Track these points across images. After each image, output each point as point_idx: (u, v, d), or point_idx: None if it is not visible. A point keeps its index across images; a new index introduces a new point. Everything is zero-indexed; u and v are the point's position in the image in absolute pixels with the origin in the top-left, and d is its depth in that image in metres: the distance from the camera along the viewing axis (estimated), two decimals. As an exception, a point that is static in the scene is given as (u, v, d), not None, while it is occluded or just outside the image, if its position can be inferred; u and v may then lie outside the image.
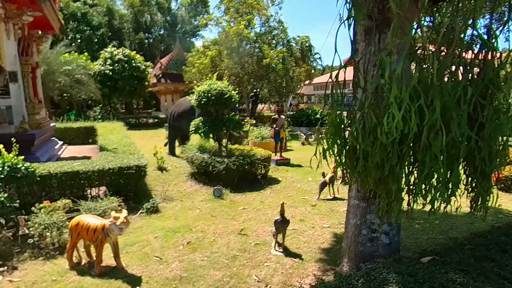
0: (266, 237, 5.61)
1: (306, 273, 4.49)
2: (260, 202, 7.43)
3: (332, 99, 3.84)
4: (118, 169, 6.93)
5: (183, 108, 12.42)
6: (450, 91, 3.17)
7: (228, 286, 4.18)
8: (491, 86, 3.37)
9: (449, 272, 2.86)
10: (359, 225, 4.22)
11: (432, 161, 3.11)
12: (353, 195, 4.28)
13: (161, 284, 4.23)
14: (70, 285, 4.24)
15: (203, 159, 8.79)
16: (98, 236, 4.50)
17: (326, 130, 3.91)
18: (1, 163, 5.42)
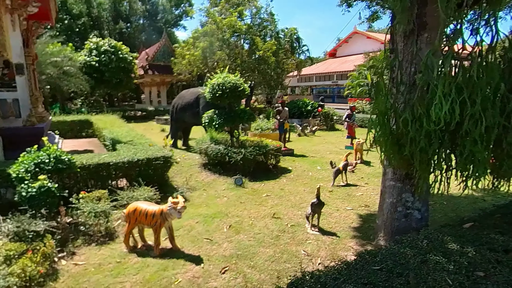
0: (298, 220, 6.13)
1: (346, 248, 5.06)
2: (280, 190, 7.93)
3: (377, 91, 4.34)
4: (147, 160, 7.21)
5: (186, 100, 12.65)
6: (486, 87, 3.76)
7: (282, 260, 4.68)
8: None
9: (490, 234, 3.50)
10: (395, 203, 4.81)
11: (472, 145, 3.71)
12: (389, 178, 4.86)
13: (221, 261, 4.67)
14: (135, 265, 4.59)
15: (219, 150, 9.15)
16: (157, 220, 4.86)
17: (373, 119, 4.42)
18: (48, 155, 5.60)
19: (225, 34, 20.10)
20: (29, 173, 5.34)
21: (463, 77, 3.70)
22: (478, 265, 2.87)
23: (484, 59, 3.76)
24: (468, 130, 3.71)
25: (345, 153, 9.46)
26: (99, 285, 4.14)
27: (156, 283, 4.13)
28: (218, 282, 4.18)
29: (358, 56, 35.60)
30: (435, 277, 2.66)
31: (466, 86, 3.72)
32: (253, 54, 20.15)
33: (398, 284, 2.58)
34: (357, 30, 41.03)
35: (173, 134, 13.46)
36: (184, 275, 4.33)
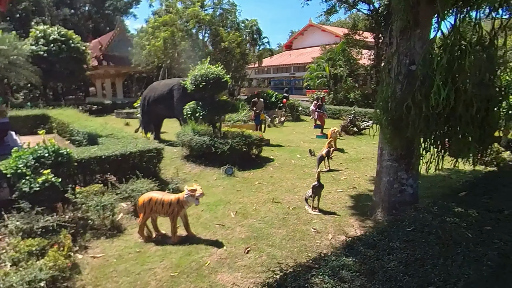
0: (297, 203, 6.54)
1: (349, 224, 5.57)
2: (270, 177, 8.28)
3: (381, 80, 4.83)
4: (140, 153, 7.14)
5: (159, 92, 12.43)
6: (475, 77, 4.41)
7: (297, 238, 5.06)
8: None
9: (482, 199, 4.20)
10: (391, 181, 5.41)
11: (465, 127, 4.35)
12: (386, 159, 5.44)
13: (241, 243, 4.92)
14: (157, 253, 4.68)
15: (204, 141, 9.24)
16: (174, 208, 4.97)
17: (376, 104, 4.91)
18: (46, 149, 5.38)
19: (188, 25, 19.77)
20: (29, 168, 5.10)
21: (457, 68, 4.29)
22: (484, 222, 3.48)
23: (472, 53, 4.38)
24: (462, 114, 4.33)
25: (317, 142, 10.05)
26: (129, 273, 4.19)
27: (186, 267, 4.29)
28: (245, 261, 4.44)
29: (315, 49, 36.84)
30: (457, 232, 3.20)
31: (460, 76, 4.33)
32: (218, 45, 20.08)
33: (432, 240, 3.08)
34: (312, 23, 42.34)
35: (145, 128, 13.14)
36: (210, 257, 4.52)
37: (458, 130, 4.42)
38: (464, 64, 4.27)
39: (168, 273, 4.16)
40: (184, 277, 4.09)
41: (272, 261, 4.41)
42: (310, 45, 41.53)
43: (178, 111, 12.04)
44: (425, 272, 2.70)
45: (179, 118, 12.46)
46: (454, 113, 4.36)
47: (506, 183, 4.98)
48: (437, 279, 2.63)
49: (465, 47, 4.30)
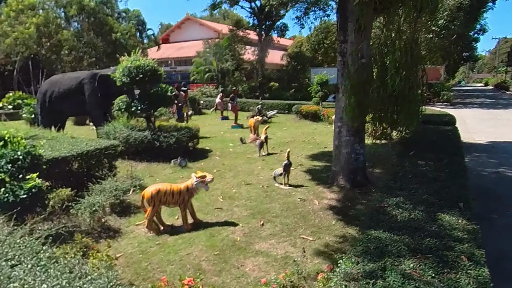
0: (265, 183, 7.30)
1: (321, 191, 6.69)
2: (223, 165, 8.73)
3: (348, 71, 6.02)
4: (100, 150, 6.61)
5: (65, 87, 11.09)
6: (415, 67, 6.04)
7: (291, 208, 5.86)
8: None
9: (426, 154, 5.89)
10: (350, 152, 6.77)
11: (410, 105, 5.95)
12: (344, 134, 6.76)
13: (249, 219, 5.42)
14: (180, 241, 4.76)
15: (145, 136, 8.93)
16: (184, 197, 5.09)
17: (346, 90, 6.08)
18: (16, 151, 4.60)
19: (70, 10, 17.44)
20: (6, 174, 4.32)
21: (405, 61, 5.81)
22: (437, 166, 5.06)
23: (414, 50, 5.98)
24: (407, 95, 5.89)
25: (238, 132, 10.92)
26: (171, 262, 4.23)
27: (222, 245, 4.58)
28: (267, 231, 5.01)
29: (194, 42, 37.12)
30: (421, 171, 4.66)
31: (407, 66, 5.87)
32: (107, 37, 18.43)
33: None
34: (190, 17, 42.38)
35: (46, 128, 11.42)
36: (235, 234, 4.91)
37: (404, 108, 5.99)
38: (406, 58, 5.82)
39: (211, 253, 4.39)
40: (228, 252, 4.41)
41: (287, 227, 5.11)
42: (188, 39, 41.37)
43: (91, 107, 11.08)
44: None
45: (92, 114, 11.40)
46: (402, 94, 5.91)
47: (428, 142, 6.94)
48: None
49: (405, 45, 5.85)
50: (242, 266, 4.11)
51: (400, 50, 5.66)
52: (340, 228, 5.07)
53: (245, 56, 30.44)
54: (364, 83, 5.97)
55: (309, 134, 12.95)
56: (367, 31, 6.18)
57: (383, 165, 8.14)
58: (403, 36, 5.76)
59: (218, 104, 17.99)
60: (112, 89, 10.85)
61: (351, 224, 5.14)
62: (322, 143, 11.33)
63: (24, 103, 14.11)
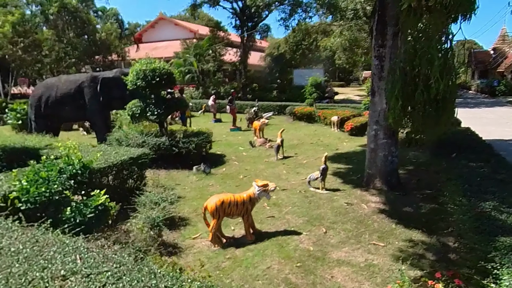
0: (299, 187, 7.22)
1: (361, 194, 6.72)
2: (246, 170, 8.53)
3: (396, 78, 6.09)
4: (134, 158, 6.24)
5: (64, 91, 10.38)
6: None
7: (343, 213, 5.83)
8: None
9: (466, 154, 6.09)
10: (386, 155, 6.86)
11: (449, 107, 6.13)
12: (381, 137, 6.84)
13: (308, 227, 5.31)
14: (250, 254, 4.57)
15: (162, 142, 8.54)
16: (247, 207, 4.92)
17: (390, 94, 6.14)
18: (72, 164, 4.20)
19: (50, 8, 16.29)
20: (69, 191, 3.92)
21: (448, 65, 5.97)
22: (493, 167, 5.26)
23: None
24: (449, 98, 6.06)
25: (236, 135, 10.83)
26: (256, 277, 4.05)
27: (298, 256, 4.45)
28: (334, 239, 4.94)
29: (169, 43, 36.25)
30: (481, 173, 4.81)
31: (449, 70, 6.04)
32: (90, 37, 17.45)
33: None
34: (164, 16, 41.29)
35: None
36: (304, 244, 4.79)
37: (445, 111, 6.16)
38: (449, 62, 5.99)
39: (292, 265, 4.25)
40: (308, 263, 4.29)
41: (351, 234, 5.08)
42: (162, 39, 40.26)
43: (92, 112, 10.49)
44: None
45: (93, 120, 10.76)
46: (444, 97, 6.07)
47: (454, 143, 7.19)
48: None
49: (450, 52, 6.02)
50: (333, 277, 4.02)
51: (446, 53, 5.81)
52: (404, 232, 5.11)
53: (226, 57, 30.15)
54: (408, 86, 6.06)
55: (313, 136, 13.03)
56: (406, 35, 6.29)
57: (416, 167, 8.37)
58: (447, 40, 5.92)
59: (211, 106, 17.66)
60: (114, 93, 10.34)
61: (412, 228, 5.19)
62: (331, 145, 11.44)
63: (9, 108, 12.99)
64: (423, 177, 7.80)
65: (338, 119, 14.03)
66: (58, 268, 2.48)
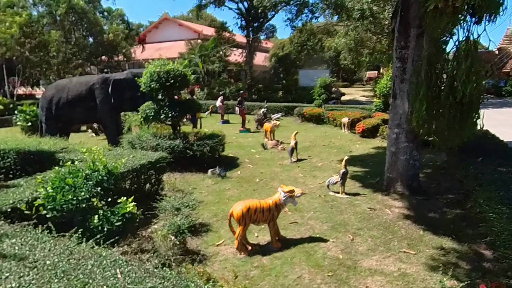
0: (317, 191, 7.10)
1: (382, 199, 6.58)
2: (261, 173, 8.41)
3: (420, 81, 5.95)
4: (152, 163, 6.12)
5: (75, 93, 10.28)
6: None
7: (366, 219, 5.70)
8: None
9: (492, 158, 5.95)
10: (408, 159, 6.72)
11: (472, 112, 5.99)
12: (403, 141, 6.71)
13: (334, 233, 5.18)
14: (278, 262, 4.45)
15: (176, 145, 8.41)
16: (273, 213, 4.79)
17: (412, 98, 6.02)
18: (96, 170, 4.09)
19: (57, 9, 16.21)
20: (96, 198, 3.81)
21: (474, 68, 5.83)
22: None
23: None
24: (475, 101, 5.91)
25: (246, 137, 10.70)
26: (283, 286, 3.92)
27: (328, 265, 4.32)
28: (362, 246, 4.81)
29: (173, 43, 36.16)
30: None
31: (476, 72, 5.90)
32: (98, 38, 17.35)
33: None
34: (168, 17, 41.13)
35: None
36: (332, 251, 4.67)
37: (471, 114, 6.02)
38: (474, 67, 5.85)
39: (323, 274, 4.13)
40: (340, 272, 4.16)
41: (379, 241, 4.95)
42: (166, 39, 40.10)
43: (103, 113, 10.41)
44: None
45: (104, 121, 10.67)
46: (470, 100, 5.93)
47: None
48: None
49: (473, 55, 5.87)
50: (367, 287, 3.89)
51: (472, 56, 5.67)
52: (433, 239, 4.97)
53: (231, 57, 30.05)
54: (432, 89, 5.94)
55: (324, 138, 12.90)
56: (431, 36, 6.15)
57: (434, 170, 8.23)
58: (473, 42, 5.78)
59: (219, 107, 17.55)
60: (125, 94, 10.26)
61: (441, 235, 5.06)
62: (344, 147, 11.31)
63: (19, 110, 12.90)
64: (442, 181, 7.67)
65: (349, 121, 13.90)
66: (100, 284, 2.36)
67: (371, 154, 10.23)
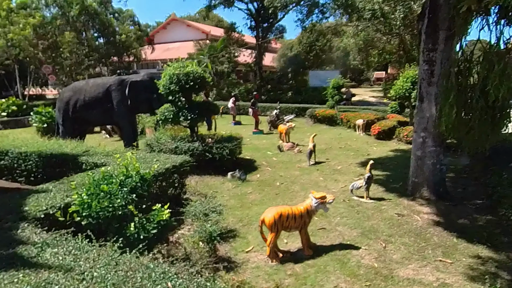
0: (342, 195, 6.99)
1: (409, 204, 6.46)
2: (280, 177, 8.31)
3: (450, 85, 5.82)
4: (178, 166, 6.08)
5: (92, 94, 10.23)
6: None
7: (395, 225, 5.58)
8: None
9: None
10: (435, 163, 6.59)
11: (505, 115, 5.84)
12: (430, 145, 6.58)
13: (364, 240, 5.08)
14: (312, 270, 4.35)
15: (195, 148, 8.35)
16: (305, 220, 4.70)
17: (442, 102, 5.88)
18: (130, 175, 4.02)
19: (70, 10, 16.26)
20: (131, 205, 3.75)
21: (508, 71, 5.68)
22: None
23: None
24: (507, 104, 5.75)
25: (260, 139, 10.60)
26: None
27: (363, 273, 4.23)
28: (396, 254, 4.70)
29: (181, 44, 36.19)
30: None
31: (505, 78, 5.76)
32: (111, 39, 17.37)
33: None
34: (176, 17, 41.23)
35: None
36: (365, 259, 4.56)
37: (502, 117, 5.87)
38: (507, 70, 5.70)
39: (360, 284, 4.03)
40: (377, 282, 4.06)
41: (413, 249, 4.84)
42: (174, 40, 40.16)
43: (120, 115, 10.35)
44: None
45: (121, 123, 10.63)
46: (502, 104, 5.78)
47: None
48: None
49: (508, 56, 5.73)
50: (409, 298, 3.79)
51: (504, 58, 5.53)
52: (468, 247, 4.85)
53: (240, 58, 29.98)
54: (462, 93, 5.80)
55: (339, 140, 12.76)
56: (462, 39, 6.02)
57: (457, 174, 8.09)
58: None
59: (231, 108, 17.49)
60: (142, 96, 10.22)
61: (475, 242, 4.93)
62: (361, 149, 11.17)
63: (35, 111, 12.94)
64: (467, 186, 7.52)
65: (364, 123, 13.75)
66: (154, 299, 2.29)
67: (390, 157, 10.09)
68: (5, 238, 3.23)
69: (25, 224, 3.51)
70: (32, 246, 3.03)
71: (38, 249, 2.99)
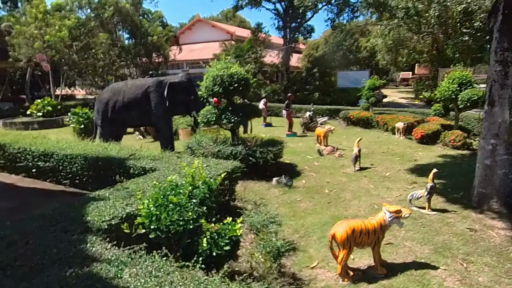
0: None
1: (478, 217, 5.93)
2: (327, 184, 7.91)
3: None
4: (231, 172, 5.81)
5: (131, 96, 10.13)
6: None
7: (470, 241, 5.09)
8: None
9: None
10: (507, 173, 6.03)
11: None
12: (501, 153, 6.03)
13: (439, 261, 4.62)
14: (390, 293, 3.95)
15: (239, 152, 8.06)
16: (378, 235, 4.30)
17: None
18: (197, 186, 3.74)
19: (103, 12, 16.39)
20: (202, 218, 3.46)
21: None
22: None
23: None
24: None
25: (296, 142, 10.19)
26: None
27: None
28: (481, 277, 4.23)
29: (206, 44, 36.23)
30: None
31: None
32: (142, 40, 17.42)
33: None
34: (201, 18, 41.43)
35: (105, 141, 10.46)
36: (448, 282, 4.12)
37: None
38: None
39: (452, 312, 3.59)
40: (472, 311, 3.61)
41: (499, 271, 4.35)
42: (199, 41, 40.28)
43: (158, 117, 10.21)
44: None
45: (159, 125, 10.49)
46: None
47: None
48: None
49: None
50: (514, 332, 3.33)
51: None
52: None
53: (266, 58, 29.67)
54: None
55: (380, 144, 12.21)
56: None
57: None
58: None
59: (262, 110, 17.16)
60: (180, 98, 10.06)
61: None
62: (405, 154, 10.60)
63: (72, 112, 13.05)
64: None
65: (404, 126, 13.12)
66: None
67: (440, 163, 9.47)
68: (76, 252, 3.01)
69: (93, 238, 3.28)
70: (107, 265, 2.78)
71: (115, 268, 2.74)
